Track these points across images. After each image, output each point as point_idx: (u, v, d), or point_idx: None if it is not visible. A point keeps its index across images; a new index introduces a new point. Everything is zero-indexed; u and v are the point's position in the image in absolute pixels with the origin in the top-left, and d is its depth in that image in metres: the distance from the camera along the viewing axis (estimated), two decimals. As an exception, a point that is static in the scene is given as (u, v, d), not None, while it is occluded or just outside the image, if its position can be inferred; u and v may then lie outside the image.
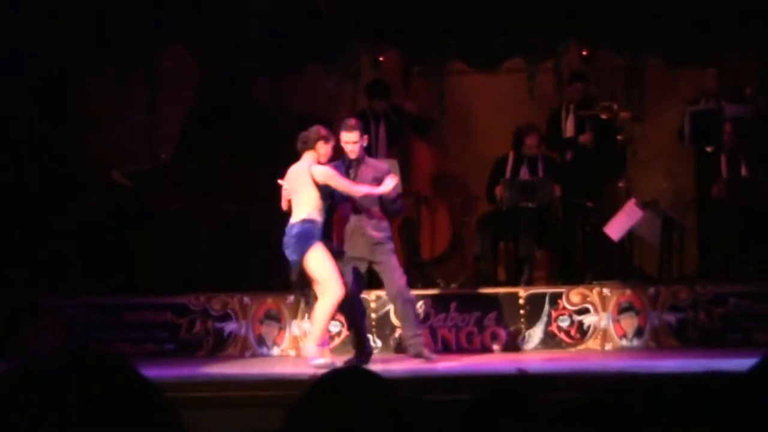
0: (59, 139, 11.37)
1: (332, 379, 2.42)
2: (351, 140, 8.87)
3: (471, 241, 11.25)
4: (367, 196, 8.82)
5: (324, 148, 8.72)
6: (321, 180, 8.60)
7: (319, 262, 8.58)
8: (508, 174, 10.93)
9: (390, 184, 8.75)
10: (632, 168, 11.71)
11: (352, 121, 9.04)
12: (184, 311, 10.23)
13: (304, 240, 8.56)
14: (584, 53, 12.12)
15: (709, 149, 11.08)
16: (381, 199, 8.92)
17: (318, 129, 8.78)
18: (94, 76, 11.92)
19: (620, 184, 11.31)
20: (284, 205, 8.81)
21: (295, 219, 8.64)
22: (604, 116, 11.21)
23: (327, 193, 8.68)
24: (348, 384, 2.37)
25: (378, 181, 8.80)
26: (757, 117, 11.08)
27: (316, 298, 8.68)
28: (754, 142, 10.88)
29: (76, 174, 11.25)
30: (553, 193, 10.69)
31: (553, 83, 12.11)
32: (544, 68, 12.24)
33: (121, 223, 11.07)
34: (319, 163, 8.71)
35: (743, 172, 10.80)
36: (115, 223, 11.08)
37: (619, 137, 11.34)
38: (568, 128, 11.41)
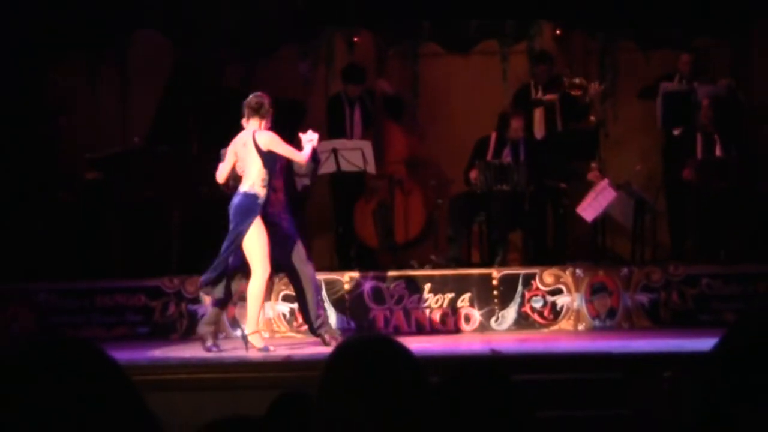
0: (29, 124, 11.31)
1: (353, 347, 2.45)
2: None
3: (444, 224, 11.27)
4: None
5: (268, 115, 8.59)
6: (266, 147, 8.42)
7: (251, 240, 8.44)
8: (490, 155, 10.93)
9: (311, 135, 8.62)
10: (604, 149, 11.74)
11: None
12: (157, 294, 10.21)
13: (243, 214, 8.43)
14: (557, 32, 12.13)
15: (676, 132, 11.13)
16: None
17: (268, 98, 8.64)
18: (65, 61, 11.85)
19: (593, 166, 11.34)
20: (220, 178, 8.71)
21: (240, 189, 8.51)
22: (572, 92, 11.24)
23: (272, 163, 8.47)
24: (370, 351, 2.40)
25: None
26: (730, 99, 11.13)
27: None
28: (728, 121, 10.93)
29: (48, 159, 11.20)
30: (528, 178, 10.71)
31: (526, 65, 12.12)
32: (518, 50, 12.25)
33: (94, 207, 11.02)
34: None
35: (717, 152, 10.85)
36: (87, 207, 11.03)
37: (591, 118, 11.36)
38: (538, 109, 11.45)
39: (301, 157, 8.55)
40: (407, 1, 11.69)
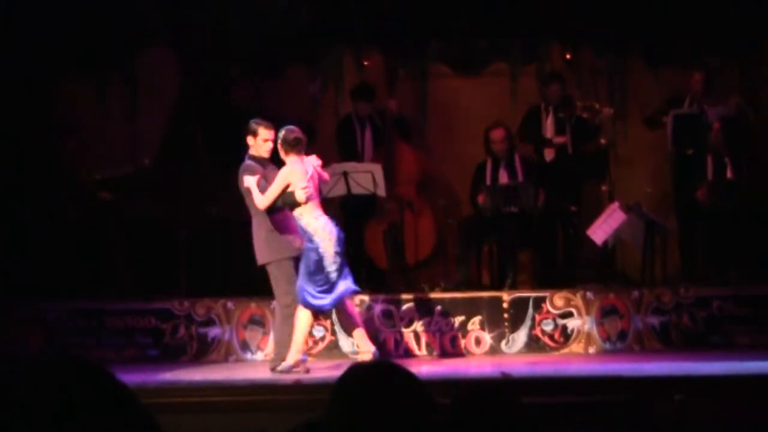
0: (38, 145, 11.33)
1: (361, 371, 2.46)
2: (271, 138, 8.85)
3: (454, 244, 11.26)
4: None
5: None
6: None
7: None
8: (488, 179, 10.94)
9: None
10: (615, 170, 11.73)
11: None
12: (167, 316, 10.21)
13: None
14: (567, 57, 12.14)
15: (689, 152, 11.11)
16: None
17: (300, 131, 8.78)
18: (73, 80, 11.87)
19: (603, 187, 11.33)
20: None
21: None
22: (585, 115, 11.24)
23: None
24: (378, 376, 2.41)
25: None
26: (739, 119, 11.12)
27: None
28: (739, 142, 10.92)
29: (57, 180, 11.21)
30: (536, 197, 10.71)
31: (535, 87, 12.10)
32: (527, 71, 12.24)
33: (103, 228, 11.04)
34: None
35: (728, 173, 10.83)
36: (96, 228, 11.04)
37: (602, 140, 11.35)
38: (548, 129, 11.44)
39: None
40: (416, 21, 11.70)
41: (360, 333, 8.79)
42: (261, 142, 8.80)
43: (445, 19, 11.66)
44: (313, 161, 8.69)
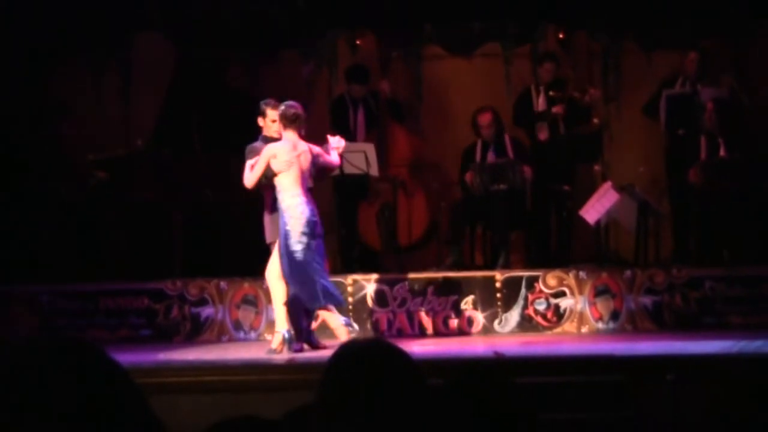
0: (32, 128, 11.31)
1: (354, 350, 2.46)
2: (273, 118, 8.85)
3: (447, 226, 11.27)
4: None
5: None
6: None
7: None
8: (478, 160, 10.96)
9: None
10: (608, 151, 11.74)
11: (271, 100, 8.99)
12: (160, 297, 10.21)
13: None
14: (561, 36, 12.13)
15: (681, 132, 11.12)
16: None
17: (301, 107, 8.78)
18: (67, 64, 11.85)
19: (596, 168, 11.35)
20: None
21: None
22: (576, 94, 11.26)
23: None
24: (369, 355, 2.42)
25: None
26: (733, 101, 11.14)
27: None
28: (732, 123, 10.93)
29: (51, 162, 11.20)
30: (523, 174, 10.72)
31: (529, 68, 12.10)
32: (521, 53, 12.23)
33: (97, 210, 11.03)
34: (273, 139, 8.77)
35: (721, 154, 10.84)
36: (90, 210, 11.04)
37: (595, 121, 11.37)
38: (540, 109, 11.45)
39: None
40: (410, 3, 11.69)
41: (282, 311, 8.78)
42: (269, 122, 8.82)
43: (439, 1, 11.65)
44: (335, 142, 8.72)
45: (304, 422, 2.85)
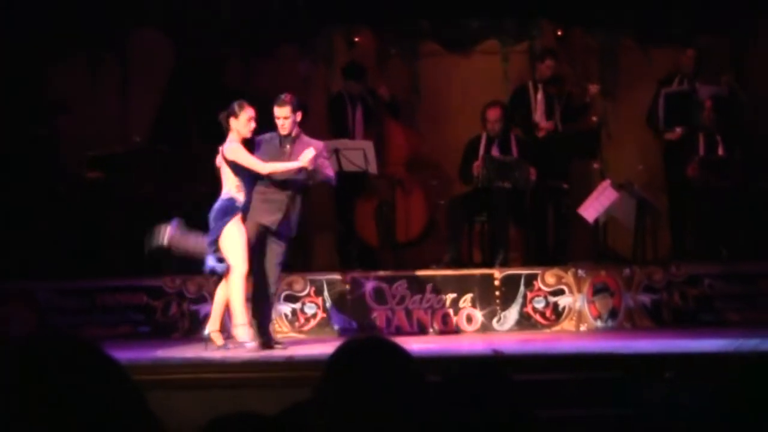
0: (30, 122, 11.30)
1: (353, 348, 2.46)
2: (282, 115, 8.83)
3: (445, 223, 11.26)
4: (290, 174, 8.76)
5: (237, 123, 8.69)
6: (229, 157, 8.63)
7: (228, 239, 8.64)
8: (480, 154, 10.93)
9: (306, 156, 8.67)
10: (606, 149, 11.74)
11: (285, 97, 8.95)
12: (159, 294, 10.21)
13: (220, 216, 8.65)
14: (559, 33, 12.13)
15: (678, 130, 11.12)
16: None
17: (232, 105, 8.74)
18: (65, 60, 11.84)
19: (594, 165, 11.35)
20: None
21: (221, 196, 8.74)
22: (574, 91, 11.26)
23: (242, 170, 8.67)
24: (368, 352, 2.41)
25: None
26: (731, 98, 11.13)
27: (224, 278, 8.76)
28: (730, 120, 10.94)
29: (49, 158, 11.19)
30: (529, 175, 10.71)
31: (527, 65, 12.10)
32: (518, 50, 12.24)
33: (94, 207, 11.02)
34: (244, 138, 8.71)
35: (719, 151, 10.84)
36: (87, 206, 11.03)
37: (593, 118, 11.36)
38: (538, 106, 11.43)
39: (261, 168, 8.67)
40: (408, 0, 11.69)
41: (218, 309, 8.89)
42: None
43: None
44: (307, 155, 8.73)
45: (300, 419, 2.85)
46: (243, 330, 8.76)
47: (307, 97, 11.83)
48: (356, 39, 12.16)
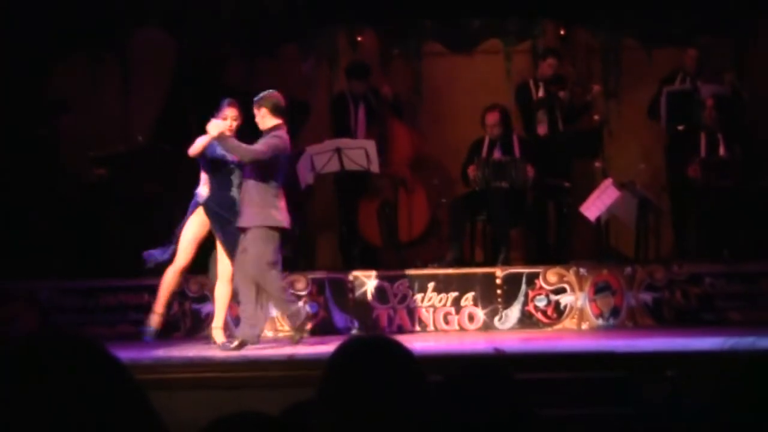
0: (31, 122, 11.30)
1: (356, 346, 2.47)
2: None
3: (448, 223, 11.26)
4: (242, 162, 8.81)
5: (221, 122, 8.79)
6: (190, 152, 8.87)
7: (183, 232, 8.92)
8: (484, 155, 10.95)
9: (212, 126, 8.73)
10: (608, 148, 11.74)
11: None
12: (160, 293, 10.20)
13: (188, 211, 8.95)
14: (561, 32, 12.13)
15: (680, 128, 11.12)
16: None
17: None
18: (66, 59, 11.84)
19: (597, 164, 11.35)
20: None
21: None
22: (576, 90, 11.25)
23: (205, 164, 8.88)
24: (371, 351, 2.42)
25: None
26: (733, 97, 11.13)
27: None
28: (732, 120, 10.94)
29: (51, 157, 11.19)
30: (526, 173, 10.71)
31: (529, 65, 12.11)
32: (521, 50, 12.23)
33: (96, 205, 11.03)
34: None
35: (721, 151, 10.84)
36: (90, 206, 11.03)
37: (595, 117, 11.36)
38: (541, 108, 11.44)
39: (191, 150, 8.84)
40: (410, 0, 11.69)
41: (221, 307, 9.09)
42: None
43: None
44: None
45: (302, 418, 2.85)
46: (218, 332, 8.97)
47: (310, 97, 11.86)
48: (359, 39, 12.16)
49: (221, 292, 8.97)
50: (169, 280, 8.93)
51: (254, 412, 2.63)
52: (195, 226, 8.87)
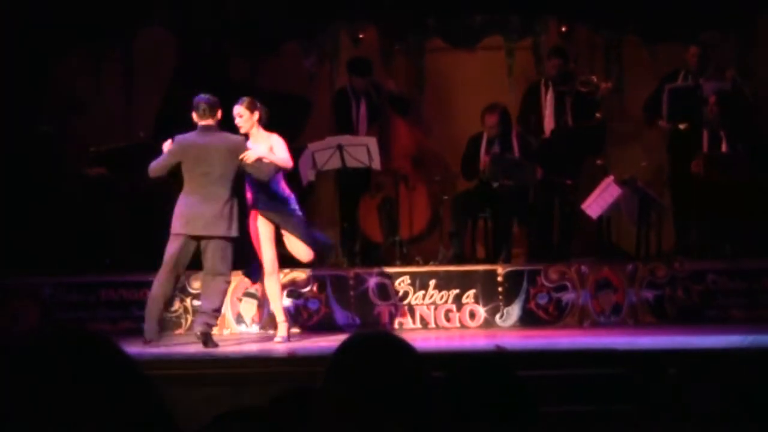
0: (35, 119, 11.30)
1: (358, 343, 2.47)
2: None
3: (449, 220, 11.26)
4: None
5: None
6: None
7: None
8: (482, 152, 10.93)
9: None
10: (610, 145, 11.73)
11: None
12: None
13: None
14: (563, 29, 12.11)
15: (682, 126, 11.12)
16: None
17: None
18: (70, 57, 11.84)
19: (598, 161, 11.34)
20: None
21: None
22: (582, 89, 11.22)
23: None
24: (373, 347, 2.42)
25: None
26: (735, 94, 11.12)
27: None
28: (734, 116, 10.92)
29: (53, 154, 11.19)
30: (534, 176, 10.71)
31: (531, 61, 12.10)
32: (523, 46, 12.22)
33: (99, 202, 11.02)
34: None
35: (723, 147, 10.83)
36: (92, 202, 11.03)
37: (597, 114, 11.34)
38: (548, 104, 11.40)
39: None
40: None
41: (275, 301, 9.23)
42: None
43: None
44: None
45: (289, 407, 2.85)
46: (282, 327, 9.16)
47: (312, 94, 11.87)
48: (361, 35, 12.16)
49: (271, 287, 9.00)
50: (273, 287, 9.02)
51: (255, 407, 2.63)
52: (261, 227, 8.91)
